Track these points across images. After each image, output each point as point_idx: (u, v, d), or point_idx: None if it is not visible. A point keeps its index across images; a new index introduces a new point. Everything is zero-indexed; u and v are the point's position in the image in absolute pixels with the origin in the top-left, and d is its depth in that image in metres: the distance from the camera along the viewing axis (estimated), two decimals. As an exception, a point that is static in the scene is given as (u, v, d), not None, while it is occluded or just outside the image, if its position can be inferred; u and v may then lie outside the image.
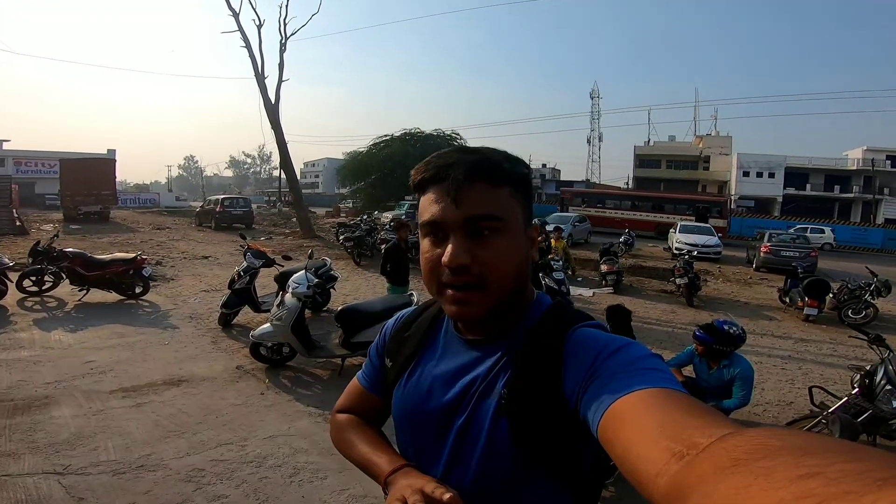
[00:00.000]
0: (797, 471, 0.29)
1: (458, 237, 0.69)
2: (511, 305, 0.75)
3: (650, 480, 0.43)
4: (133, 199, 38.14)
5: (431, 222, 0.71)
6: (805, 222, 24.64)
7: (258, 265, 6.60)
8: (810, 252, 14.01)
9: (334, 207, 32.77)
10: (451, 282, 0.69)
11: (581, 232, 20.04)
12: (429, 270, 0.72)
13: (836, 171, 38.46)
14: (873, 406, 3.19)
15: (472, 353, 0.77)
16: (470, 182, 0.69)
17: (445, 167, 0.71)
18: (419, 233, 0.75)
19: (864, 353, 5.69)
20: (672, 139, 49.90)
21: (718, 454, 0.37)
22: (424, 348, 0.84)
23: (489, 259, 0.69)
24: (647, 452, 0.45)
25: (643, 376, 0.57)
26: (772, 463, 0.31)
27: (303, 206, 19.65)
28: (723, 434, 0.40)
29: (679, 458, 0.41)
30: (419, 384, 0.80)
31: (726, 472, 0.34)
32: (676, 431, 0.44)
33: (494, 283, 0.69)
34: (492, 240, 0.69)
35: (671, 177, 42.96)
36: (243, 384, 4.56)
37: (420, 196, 0.76)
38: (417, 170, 0.75)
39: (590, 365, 0.63)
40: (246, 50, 18.62)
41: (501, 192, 0.71)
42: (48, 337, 5.69)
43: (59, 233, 9.79)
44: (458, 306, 0.70)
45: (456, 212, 0.69)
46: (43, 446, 3.29)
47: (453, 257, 0.68)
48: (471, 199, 0.69)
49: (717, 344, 3.70)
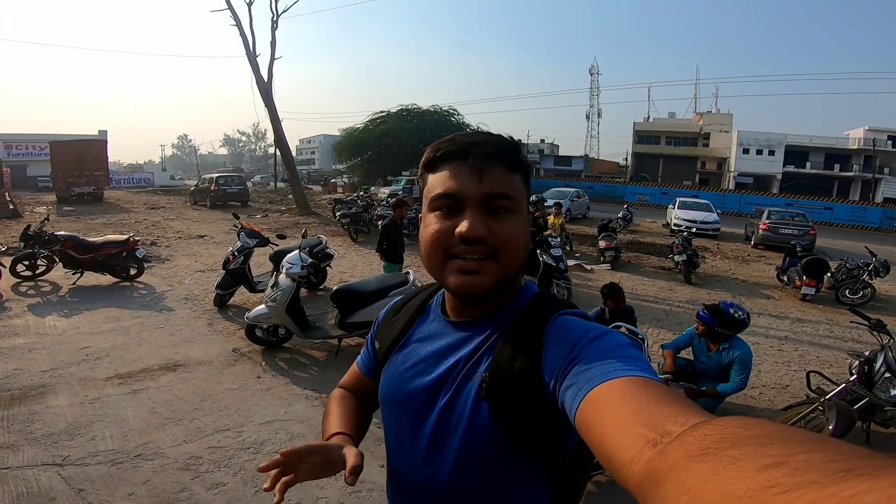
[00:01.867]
0: (763, 460, 0.30)
1: (475, 211, 0.70)
2: (506, 287, 0.76)
3: (625, 466, 0.44)
4: (127, 178, 37.57)
5: (447, 194, 0.72)
6: (804, 199, 24.58)
7: (252, 245, 6.54)
8: (809, 230, 13.97)
9: (329, 183, 32.39)
10: (464, 252, 0.70)
11: (579, 207, 19.96)
12: (435, 241, 0.72)
13: (836, 150, 38.21)
14: (871, 394, 3.18)
15: (458, 334, 0.78)
16: (493, 161, 0.72)
17: (472, 144, 0.73)
18: (424, 206, 0.76)
19: (861, 335, 5.72)
20: (672, 116, 49.40)
21: (689, 442, 0.38)
22: (412, 330, 0.85)
23: (504, 233, 0.71)
24: (622, 439, 0.46)
25: (621, 364, 0.58)
26: (739, 452, 0.32)
27: (298, 183, 19.44)
28: (694, 423, 0.41)
29: (653, 446, 0.42)
30: (405, 366, 0.81)
31: (697, 461, 0.35)
32: (650, 419, 0.46)
33: (506, 255, 0.71)
34: (506, 217, 0.72)
35: (670, 153, 42.70)
36: (239, 367, 4.54)
37: (428, 173, 0.76)
38: (438, 145, 0.76)
39: (568, 352, 0.65)
40: (236, 28, 18.14)
41: (515, 176, 0.74)
42: (43, 323, 5.64)
43: (49, 216, 9.66)
44: (466, 276, 0.71)
45: (478, 186, 0.71)
46: (41, 437, 3.27)
47: (472, 228, 0.69)
48: (492, 177, 0.71)
49: (719, 326, 3.67)
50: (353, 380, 1.00)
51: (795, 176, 36.97)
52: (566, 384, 0.61)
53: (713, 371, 3.79)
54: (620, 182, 35.30)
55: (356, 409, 0.95)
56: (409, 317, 0.87)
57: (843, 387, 3.27)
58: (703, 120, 45.01)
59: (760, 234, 14.21)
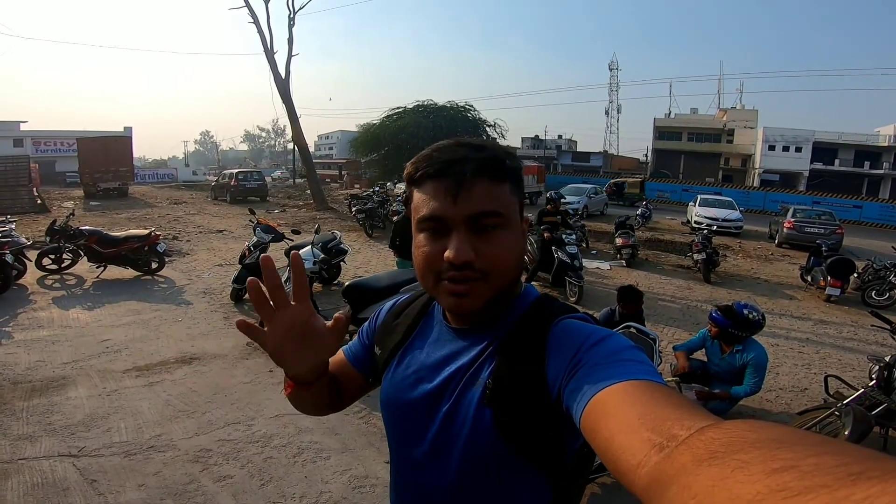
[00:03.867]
0: (773, 464, 0.30)
1: (462, 233, 0.69)
2: (504, 296, 0.75)
3: (631, 471, 0.43)
4: (151, 174, 38.54)
5: (432, 217, 0.70)
6: (832, 198, 23.82)
7: (268, 240, 6.63)
8: (836, 229, 13.54)
9: (347, 177, 32.63)
10: (453, 277, 0.69)
11: (597, 204, 19.73)
12: (426, 265, 0.72)
13: (866, 147, 37.00)
14: (890, 399, 3.07)
15: (460, 341, 0.77)
16: (474, 179, 0.69)
17: (450, 163, 0.70)
18: (413, 223, 0.75)
19: (886, 339, 5.52)
20: (694, 112, 48.37)
21: (697, 446, 0.37)
22: (413, 336, 0.85)
23: (493, 254, 0.69)
24: (628, 443, 0.46)
25: (625, 368, 0.58)
26: (748, 456, 0.32)
27: (315, 179, 19.65)
28: (701, 426, 0.40)
29: (659, 450, 0.41)
30: (406, 372, 0.81)
31: (704, 465, 0.34)
32: (657, 423, 0.45)
33: (496, 276, 0.70)
34: (494, 235, 0.70)
35: (692, 149, 41.86)
36: (252, 361, 4.62)
37: (413, 188, 0.74)
38: (416, 163, 0.73)
39: (572, 356, 0.64)
40: (254, 25, 18.35)
41: (503, 188, 0.72)
42: (66, 315, 5.82)
43: (74, 211, 9.95)
44: (457, 298, 0.70)
45: (460, 208, 0.69)
46: (59, 428, 3.37)
47: (458, 253, 0.67)
48: (475, 195, 0.69)
49: (732, 328, 3.58)
50: (335, 363, 0.94)
51: (823, 173, 35.90)
52: (570, 388, 0.61)
53: (726, 374, 3.70)
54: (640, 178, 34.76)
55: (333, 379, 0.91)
56: (411, 322, 0.86)
57: (861, 392, 3.16)
58: (727, 116, 43.92)
59: (785, 233, 13.82)
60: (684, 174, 38.73)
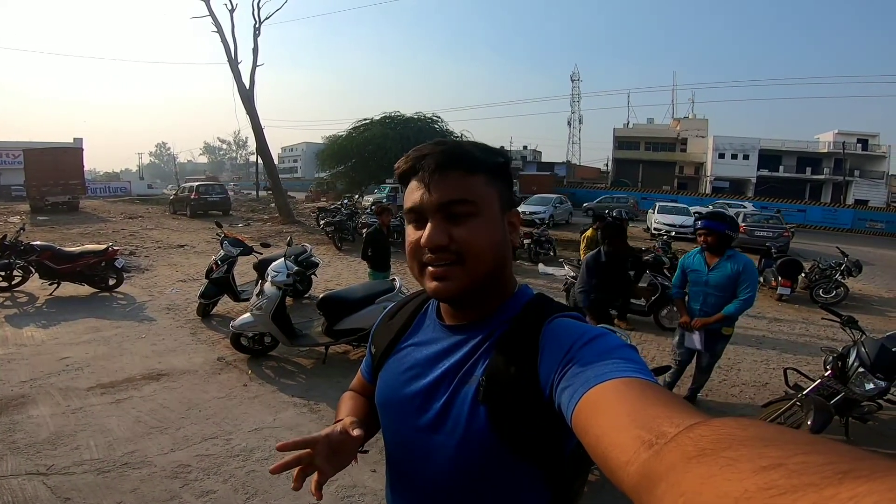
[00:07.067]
0: (760, 462, 0.30)
1: (436, 220, 0.73)
2: (489, 287, 0.77)
3: (621, 468, 0.44)
4: (103, 187, 36.77)
5: (412, 209, 0.76)
6: (778, 203, 25.25)
7: (236, 253, 6.47)
8: (783, 232, 14.38)
9: (313, 191, 32.12)
10: (432, 261, 0.73)
11: (562, 213, 20.24)
12: (411, 253, 0.77)
13: (808, 154, 39.56)
14: (846, 388, 3.26)
15: (453, 338, 0.79)
16: (443, 170, 0.73)
17: (420, 158, 0.75)
18: (405, 220, 0.79)
19: (836, 333, 5.90)
20: (651, 122, 50.53)
21: (685, 444, 0.37)
22: (407, 334, 0.87)
23: (465, 237, 0.72)
24: (618, 440, 0.46)
25: (616, 366, 0.58)
26: (736, 453, 0.32)
27: (281, 192, 19.28)
28: (690, 424, 0.41)
29: (648, 447, 0.42)
30: (400, 368, 0.83)
31: (693, 462, 0.35)
32: (646, 420, 0.46)
33: (472, 259, 0.73)
34: (467, 221, 0.73)
35: (649, 158, 43.58)
36: (225, 376, 4.49)
37: (404, 185, 0.80)
38: (399, 164, 0.79)
39: (564, 354, 0.65)
40: (217, 35, 18.00)
41: (476, 179, 0.75)
42: (20, 334, 5.50)
43: (24, 225, 9.42)
44: (437, 282, 0.73)
45: (431, 197, 0.73)
46: (24, 447, 3.20)
47: (430, 238, 0.72)
48: (445, 185, 0.73)
49: (729, 230, 3.53)
50: (359, 385, 1.02)
51: (769, 179, 38.05)
52: (562, 386, 0.61)
53: (719, 285, 3.55)
54: (602, 188, 35.86)
55: (364, 402, 0.98)
56: (405, 321, 0.88)
57: (818, 382, 3.36)
58: (680, 125, 46.10)
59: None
60: (643, 183, 40.18)
